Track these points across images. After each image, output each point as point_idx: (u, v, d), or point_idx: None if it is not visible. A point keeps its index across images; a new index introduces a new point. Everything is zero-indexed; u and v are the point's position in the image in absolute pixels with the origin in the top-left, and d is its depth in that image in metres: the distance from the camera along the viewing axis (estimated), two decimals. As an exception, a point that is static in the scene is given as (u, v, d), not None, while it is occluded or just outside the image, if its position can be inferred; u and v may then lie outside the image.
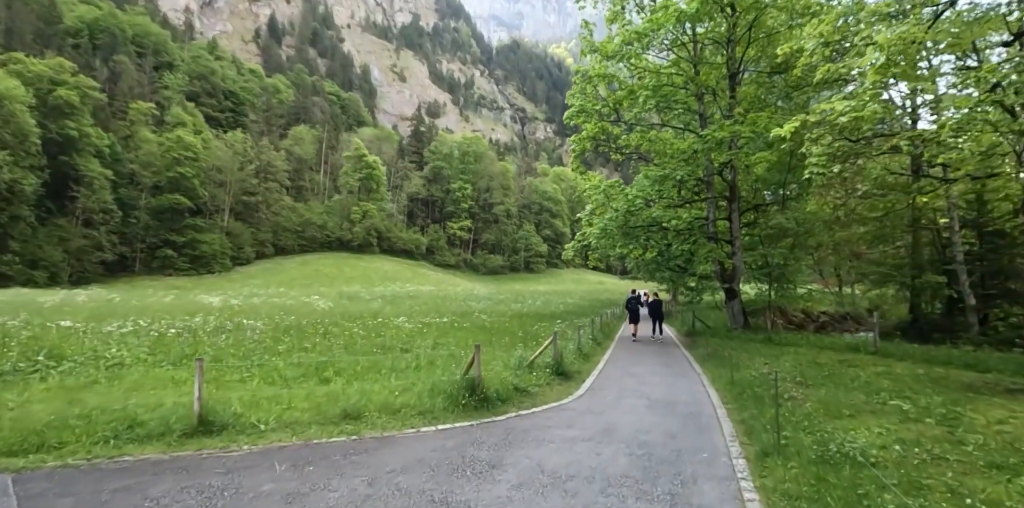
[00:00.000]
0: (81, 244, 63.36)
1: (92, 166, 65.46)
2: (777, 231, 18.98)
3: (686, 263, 30.60)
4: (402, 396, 7.87)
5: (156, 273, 72.00)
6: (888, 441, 5.84)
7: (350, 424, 6.79)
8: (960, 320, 23.06)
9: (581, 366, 12.17)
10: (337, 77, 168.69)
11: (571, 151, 20.98)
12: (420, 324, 16.85)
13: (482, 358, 11.45)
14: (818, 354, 13.42)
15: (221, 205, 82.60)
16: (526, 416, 7.52)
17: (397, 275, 79.28)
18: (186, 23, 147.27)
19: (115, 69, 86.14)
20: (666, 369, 12.14)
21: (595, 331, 17.81)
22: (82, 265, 63.77)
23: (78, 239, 63.25)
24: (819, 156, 9.27)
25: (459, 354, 11.18)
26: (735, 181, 18.84)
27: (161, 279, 68.80)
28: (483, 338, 14.20)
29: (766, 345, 15.63)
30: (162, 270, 72.68)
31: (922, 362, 11.94)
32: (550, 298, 42.54)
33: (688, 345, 17.38)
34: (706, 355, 14.22)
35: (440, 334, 14.92)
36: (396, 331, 14.80)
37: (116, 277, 67.60)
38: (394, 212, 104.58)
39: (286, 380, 8.74)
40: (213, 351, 10.41)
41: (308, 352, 11.09)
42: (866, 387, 8.84)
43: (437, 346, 12.67)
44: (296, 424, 6.70)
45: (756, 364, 11.74)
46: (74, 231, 63.29)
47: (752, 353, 13.71)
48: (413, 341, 13.30)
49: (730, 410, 8.08)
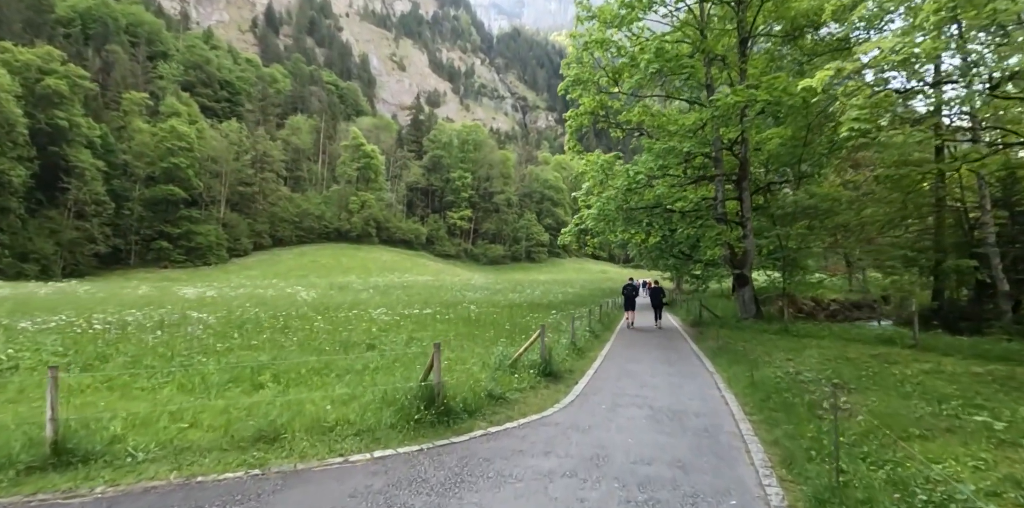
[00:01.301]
0: (73, 236, 61.99)
1: (83, 157, 63.90)
2: (796, 209, 17.19)
3: (691, 249, 28.91)
4: (342, 409, 6.27)
5: (152, 265, 70.71)
6: (994, 481, 4.17)
7: (260, 450, 5.19)
8: (990, 307, 21.34)
9: (574, 363, 10.54)
10: (335, 66, 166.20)
11: (567, 127, 19.18)
12: (400, 316, 15.23)
13: (459, 356, 9.88)
14: (845, 348, 11.75)
15: (217, 196, 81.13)
16: (495, 435, 5.88)
17: (396, 265, 77.78)
18: (182, 12, 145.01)
19: (108, 59, 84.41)
20: (672, 367, 10.49)
21: (593, 322, 16.18)
22: (75, 258, 62.52)
23: (70, 231, 61.86)
24: (860, 108, 7.54)
25: (432, 351, 9.57)
26: (746, 157, 17.02)
27: (156, 271, 67.56)
28: (466, 331, 12.62)
29: (783, 337, 13.97)
30: (158, 262, 71.43)
31: (973, 357, 10.24)
32: (550, 287, 40.91)
33: (695, 337, 15.72)
34: (717, 349, 12.57)
35: (419, 327, 13.32)
36: (369, 324, 13.19)
37: (111, 270, 66.41)
38: (393, 202, 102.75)
39: (208, 387, 7.14)
40: (136, 350, 8.83)
41: (255, 350, 9.49)
42: (924, 392, 7.17)
43: (411, 342, 11.07)
44: (188, 451, 5.11)
45: (777, 360, 10.10)
46: (66, 223, 61.85)
47: (769, 346, 12.06)
48: (385, 336, 11.70)
49: (756, 424, 6.41)
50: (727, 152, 18.07)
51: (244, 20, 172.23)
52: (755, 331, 15.12)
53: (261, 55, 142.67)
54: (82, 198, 63.49)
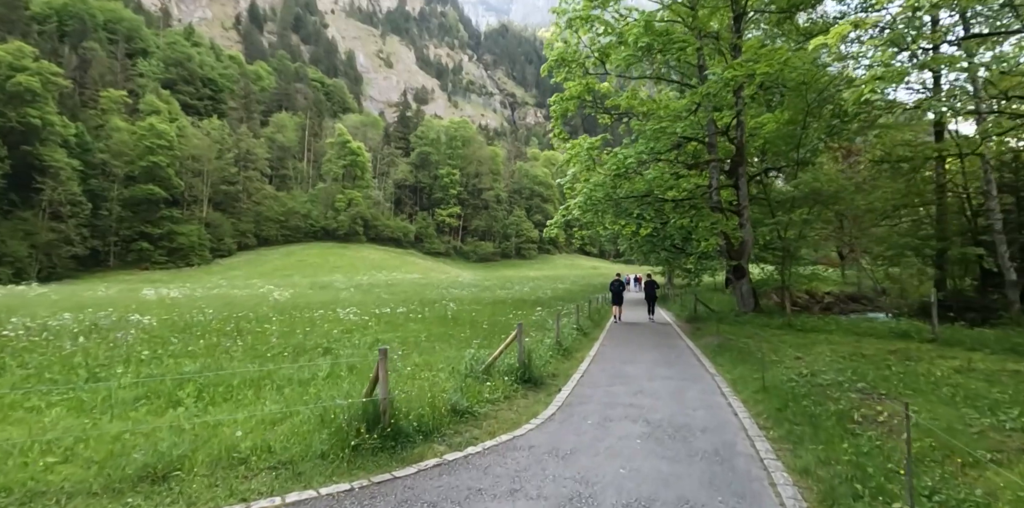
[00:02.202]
0: (49, 238, 60.16)
1: (58, 156, 62.06)
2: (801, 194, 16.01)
3: (683, 242, 27.83)
4: (264, 433, 5.06)
5: (132, 267, 68.97)
6: None
7: (141, 494, 3.97)
8: (995, 297, 20.38)
9: (559, 366, 9.36)
10: (321, 64, 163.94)
11: (552, 113, 17.92)
12: (371, 315, 13.98)
13: (428, 360, 8.67)
14: (858, 343, 10.64)
15: (199, 195, 79.37)
16: (450, 466, 4.67)
17: (383, 264, 76.31)
18: (162, 9, 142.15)
19: (85, 56, 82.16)
20: (669, 369, 9.34)
21: (582, 319, 15.00)
22: (51, 260, 60.64)
23: (45, 233, 60.03)
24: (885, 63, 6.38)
25: (395, 357, 8.37)
26: (742, 141, 15.86)
27: (137, 273, 65.87)
28: (440, 332, 11.41)
29: (787, 332, 12.85)
30: (139, 264, 69.65)
31: (1004, 352, 9.16)
32: (540, 283, 39.75)
33: (692, 333, 14.59)
34: (717, 347, 11.43)
35: (388, 328, 12.09)
36: (332, 326, 11.93)
37: (90, 272, 64.69)
38: (380, 200, 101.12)
39: (112, 406, 5.90)
40: (43, 361, 7.55)
41: (191, 358, 8.22)
42: (969, 397, 6.02)
43: (377, 344, 9.84)
44: (42, 497, 3.88)
45: (786, 359, 8.97)
46: (41, 225, 59.97)
47: (774, 343, 10.93)
48: (348, 338, 10.45)
49: (776, 443, 5.24)
50: (722, 138, 16.92)
51: (227, 17, 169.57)
52: (756, 326, 14.00)
53: (245, 52, 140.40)
54: (57, 198, 61.67)
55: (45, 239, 59.53)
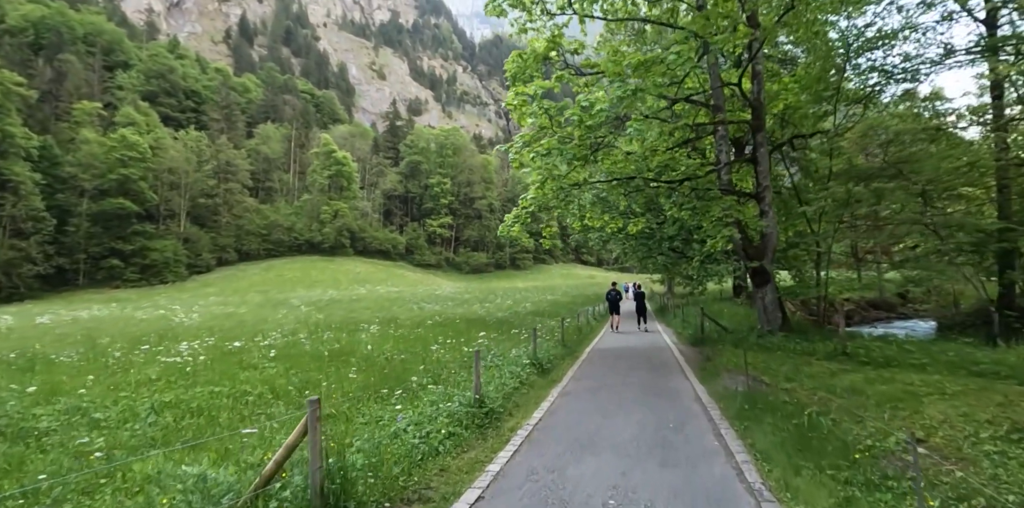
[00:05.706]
0: (9, 257, 56.08)
1: (18, 169, 58.34)
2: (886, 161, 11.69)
3: (683, 244, 23.59)
4: None
5: (103, 285, 64.92)
6: None
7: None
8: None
9: (456, 459, 5.10)
10: (312, 76, 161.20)
11: (505, 71, 13.75)
12: (217, 353, 9.68)
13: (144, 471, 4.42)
14: (986, 388, 6.34)
15: (176, 209, 75.59)
16: None
17: (369, 277, 72.10)
18: (148, 23, 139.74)
19: (60, 68, 78.78)
20: (663, 469, 5.03)
21: (549, 345, 10.71)
22: (11, 280, 56.52)
23: (4, 250, 55.99)
24: None
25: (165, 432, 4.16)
26: (761, 97, 11.61)
27: (106, 292, 61.80)
28: (281, 384, 7.16)
29: (847, 365, 8.43)
30: (110, 282, 65.57)
31: None
32: (526, 295, 35.47)
33: (700, 368, 10.13)
34: (745, 400, 6.95)
35: (215, 377, 7.81)
36: (119, 377, 7.70)
37: (57, 292, 60.63)
38: (369, 211, 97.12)
39: None
40: None
41: None
42: None
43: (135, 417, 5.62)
44: None
45: (886, 438, 4.73)
46: (0, 242, 56.05)
47: (841, 392, 6.67)
48: (101, 403, 6.24)
49: None
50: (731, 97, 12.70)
51: (217, 31, 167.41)
52: (793, 354, 9.68)
53: (235, 66, 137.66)
54: (18, 214, 57.81)
55: (4, 257, 55.55)
